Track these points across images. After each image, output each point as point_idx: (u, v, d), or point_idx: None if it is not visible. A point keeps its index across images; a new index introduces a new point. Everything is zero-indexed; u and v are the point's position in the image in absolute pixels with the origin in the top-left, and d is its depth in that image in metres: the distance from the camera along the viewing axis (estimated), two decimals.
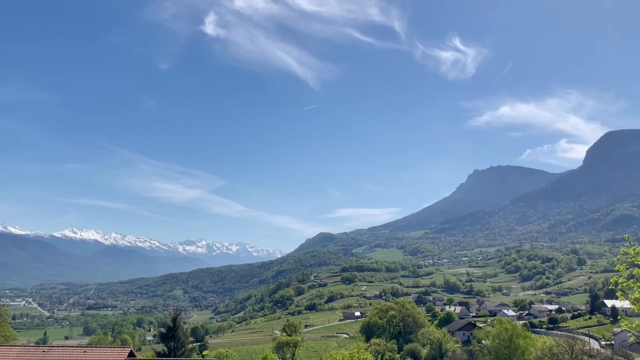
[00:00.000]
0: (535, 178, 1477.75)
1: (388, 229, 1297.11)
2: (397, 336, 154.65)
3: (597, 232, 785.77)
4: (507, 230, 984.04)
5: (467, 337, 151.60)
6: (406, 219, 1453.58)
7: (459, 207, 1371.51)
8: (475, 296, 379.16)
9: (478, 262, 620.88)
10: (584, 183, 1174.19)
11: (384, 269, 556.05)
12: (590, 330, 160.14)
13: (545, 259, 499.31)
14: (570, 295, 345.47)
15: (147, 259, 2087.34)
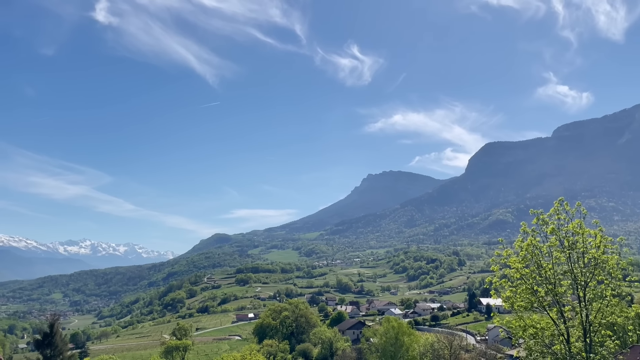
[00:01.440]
0: (423, 183, 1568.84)
1: (285, 230, 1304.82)
2: (290, 337, 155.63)
3: (475, 235, 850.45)
4: (396, 233, 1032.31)
5: (357, 335, 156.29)
6: (303, 220, 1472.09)
7: (353, 209, 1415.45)
8: (366, 296, 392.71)
9: (369, 262, 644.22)
10: (466, 189, 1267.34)
11: (280, 270, 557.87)
12: (467, 326, 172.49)
13: (430, 260, 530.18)
14: (451, 294, 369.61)
15: (21, 260, 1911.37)
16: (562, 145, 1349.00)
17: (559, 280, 28.67)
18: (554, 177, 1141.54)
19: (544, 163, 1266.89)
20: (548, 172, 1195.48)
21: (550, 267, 28.85)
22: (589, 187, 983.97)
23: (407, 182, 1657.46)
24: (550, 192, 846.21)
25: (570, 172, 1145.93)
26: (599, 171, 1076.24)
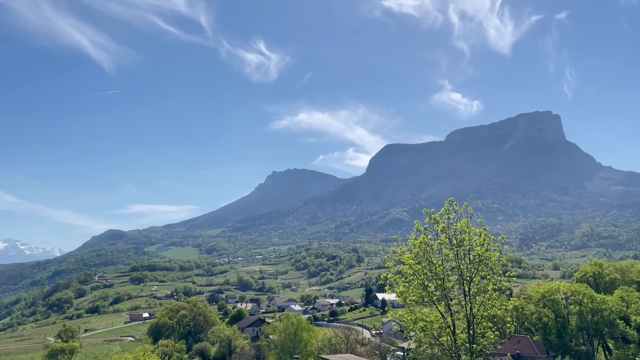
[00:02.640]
0: (326, 182, 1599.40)
1: (185, 226, 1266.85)
2: (187, 336, 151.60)
3: (374, 233, 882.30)
4: (299, 230, 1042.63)
5: (257, 333, 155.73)
6: (204, 217, 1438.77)
7: (256, 206, 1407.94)
8: (267, 293, 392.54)
9: (271, 260, 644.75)
10: (366, 189, 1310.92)
11: (178, 268, 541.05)
12: (364, 321, 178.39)
13: (331, 257, 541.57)
14: (350, 290, 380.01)
15: None
16: (455, 149, 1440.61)
17: (447, 275, 30.44)
18: (447, 179, 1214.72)
19: (438, 165, 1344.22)
20: (441, 174, 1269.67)
21: (440, 264, 30.50)
22: (477, 189, 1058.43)
23: (310, 180, 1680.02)
24: (442, 193, 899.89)
25: (461, 174, 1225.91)
26: (486, 174, 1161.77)
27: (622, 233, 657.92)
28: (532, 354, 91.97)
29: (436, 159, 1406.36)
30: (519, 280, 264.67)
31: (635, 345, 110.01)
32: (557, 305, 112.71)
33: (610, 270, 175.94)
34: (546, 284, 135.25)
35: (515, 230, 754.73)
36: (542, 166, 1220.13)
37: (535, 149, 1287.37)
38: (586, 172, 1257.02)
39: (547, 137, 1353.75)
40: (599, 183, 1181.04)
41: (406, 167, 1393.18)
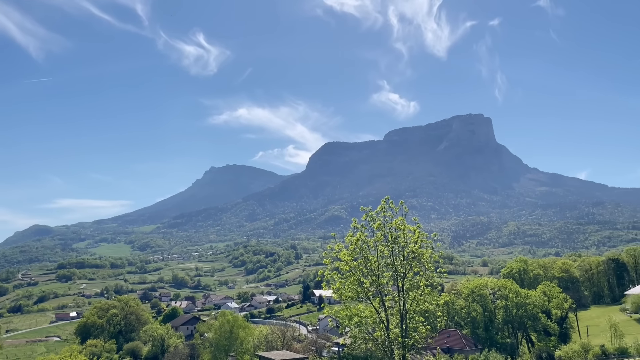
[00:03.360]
0: (265, 179, 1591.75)
1: (117, 222, 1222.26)
2: (118, 335, 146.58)
3: (312, 230, 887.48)
4: (237, 227, 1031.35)
5: (191, 331, 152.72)
6: (138, 212, 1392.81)
7: (193, 202, 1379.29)
8: (203, 290, 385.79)
9: (208, 257, 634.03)
10: (305, 186, 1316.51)
11: (109, 265, 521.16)
12: (301, 317, 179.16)
13: (269, 254, 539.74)
14: (287, 287, 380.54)
15: None
16: (392, 148, 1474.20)
17: (382, 272, 31.06)
18: (384, 177, 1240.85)
19: (376, 164, 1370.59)
20: (379, 173, 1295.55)
21: (375, 260, 31.07)
22: (413, 187, 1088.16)
23: (250, 176, 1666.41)
24: (380, 191, 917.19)
25: (397, 173, 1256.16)
26: (422, 174, 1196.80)
27: (546, 231, 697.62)
28: (461, 347, 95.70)
29: (374, 157, 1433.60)
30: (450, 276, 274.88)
31: (555, 338, 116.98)
32: (485, 300, 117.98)
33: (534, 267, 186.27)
34: (475, 279, 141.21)
35: (448, 228, 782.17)
36: (473, 167, 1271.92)
37: (467, 150, 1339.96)
38: (514, 173, 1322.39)
39: (479, 138, 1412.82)
40: (525, 184, 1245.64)
41: (345, 165, 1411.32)
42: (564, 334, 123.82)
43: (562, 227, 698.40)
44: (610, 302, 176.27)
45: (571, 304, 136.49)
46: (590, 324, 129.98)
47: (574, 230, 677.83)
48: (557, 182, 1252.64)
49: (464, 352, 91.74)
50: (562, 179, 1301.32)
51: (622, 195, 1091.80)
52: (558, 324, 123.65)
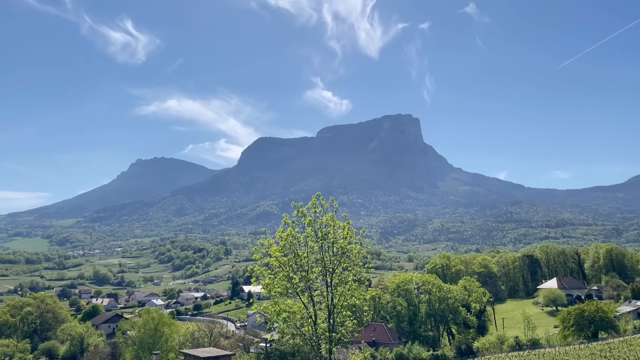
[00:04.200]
0: (195, 173, 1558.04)
1: (33, 215, 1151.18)
2: (33, 335, 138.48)
3: (243, 225, 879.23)
4: (164, 222, 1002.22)
5: (113, 329, 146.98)
6: (57, 205, 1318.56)
7: (118, 196, 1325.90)
8: (126, 287, 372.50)
9: (132, 252, 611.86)
10: (237, 181, 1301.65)
11: (24, 261, 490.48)
12: (229, 314, 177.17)
13: (197, 250, 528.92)
14: (216, 283, 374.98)
15: None
16: (324, 145, 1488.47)
17: (312, 267, 31.35)
18: (316, 174, 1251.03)
19: (308, 160, 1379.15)
20: (311, 169, 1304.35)
21: (305, 256, 31.29)
22: (344, 184, 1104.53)
23: (179, 170, 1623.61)
24: (312, 187, 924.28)
25: (329, 170, 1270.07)
26: (352, 171, 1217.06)
27: (467, 229, 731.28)
28: (386, 341, 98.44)
29: (307, 154, 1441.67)
30: (378, 271, 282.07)
31: (474, 330, 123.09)
32: (410, 295, 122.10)
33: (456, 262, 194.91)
34: (401, 275, 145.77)
35: (377, 225, 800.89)
36: (402, 165, 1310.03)
37: (397, 149, 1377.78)
38: (440, 172, 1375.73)
39: (407, 138, 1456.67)
40: (450, 183, 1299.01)
41: (278, 160, 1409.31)
42: (482, 326, 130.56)
43: (483, 225, 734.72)
44: (524, 296, 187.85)
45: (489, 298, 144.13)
46: (506, 317, 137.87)
47: (494, 227, 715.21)
48: (479, 182, 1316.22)
49: (388, 345, 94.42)
50: (483, 179, 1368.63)
51: (537, 195, 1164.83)
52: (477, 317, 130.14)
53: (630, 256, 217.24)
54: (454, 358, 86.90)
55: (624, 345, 67.35)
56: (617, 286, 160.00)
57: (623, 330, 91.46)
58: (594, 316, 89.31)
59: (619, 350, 62.16)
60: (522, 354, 77.69)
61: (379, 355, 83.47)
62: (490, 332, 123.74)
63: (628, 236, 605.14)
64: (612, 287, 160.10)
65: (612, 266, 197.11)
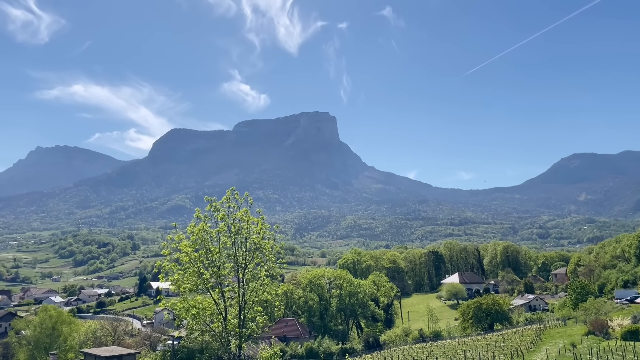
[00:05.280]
0: (101, 163, 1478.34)
1: None
2: None
3: (153, 220, 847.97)
4: (66, 214, 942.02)
5: (5, 328, 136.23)
6: None
7: (13, 185, 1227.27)
8: (22, 283, 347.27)
9: (29, 246, 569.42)
10: (147, 173, 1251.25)
11: None
12: (135, 311, 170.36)
13: (102, 244, 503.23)
14: (122, 279, 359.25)
15: None
16: (241, 139, 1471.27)
17: (224, 263, 30.86)
18: (232, 168, 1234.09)
19: (224, 154, 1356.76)
20: (227, 163, 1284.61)
21: (217, 251, 30.73)
22: (260, 179, 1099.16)
23: (83, 159, 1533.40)
24: (227, 182, 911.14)
25: (245, 164, 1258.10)
26: (269, 166, 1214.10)
27: (378, 225, 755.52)
28: (297, 335, 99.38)
29: (223, 147, 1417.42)
30: (291, 266, 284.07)
31: (381, 323, 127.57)
32: (322, 290, 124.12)
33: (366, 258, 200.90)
34: (314, 270, 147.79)
35: (291, 220, 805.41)
36: (318, 162, 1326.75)
37: (313, 146, 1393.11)
38: (354, 170, 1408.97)
39: (324, 136, 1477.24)
40: (363, 181, 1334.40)
41: (192, 153, 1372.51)
42: (389, 319, 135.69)
43: (393, 222, 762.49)
44: (429, 290, 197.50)
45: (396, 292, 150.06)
46: (412, 310, 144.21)
47: (402, 224, 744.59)
48: (391, 181, 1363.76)
49: (299, 339, 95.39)
50: (394, 178, 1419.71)
51: (443, 194, 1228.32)
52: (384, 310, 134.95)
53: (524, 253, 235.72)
54: (362, 351, 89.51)
55: (516, 335, 72.83)
56: (511, 281, 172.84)
57: (516, 322, 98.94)
58: (491, 309, 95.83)
59: (512, 340, 67.10)
60: (425, 345, 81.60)
61: (289, 350, 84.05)
62: (396, 325, 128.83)
63: (523, 234, 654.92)
64: (507, 281, 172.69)
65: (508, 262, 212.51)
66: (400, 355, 67.28)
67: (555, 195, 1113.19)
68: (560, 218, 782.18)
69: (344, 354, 76.57)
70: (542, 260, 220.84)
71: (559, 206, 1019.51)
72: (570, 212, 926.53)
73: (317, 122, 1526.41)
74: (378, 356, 69.80)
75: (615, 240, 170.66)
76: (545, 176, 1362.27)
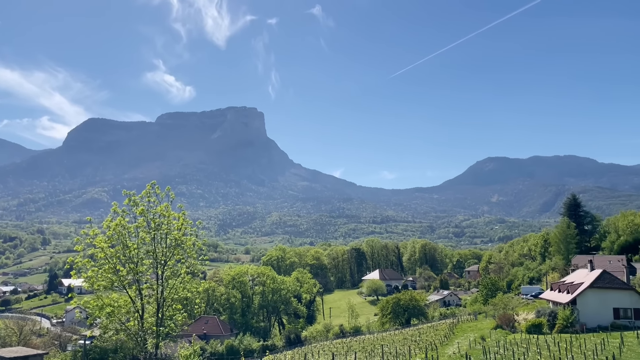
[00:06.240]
0: (9, 152, 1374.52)
1: None
2: None
3: (66, 213, 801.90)
4: None
5: None
6: None
7: None
8: None
9: None
10: (61, 164, 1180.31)
11: None
12: (44, 309, 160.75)
13: (8, 238, 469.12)
14: (30, 276, 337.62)
15: None
16: (164, 132, 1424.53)
17: (142, 259, 29.87)
18: (154, 162, 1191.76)
19: (146, 147, 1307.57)
20: (148, 156, 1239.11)
21: (135, 247, 29.70)
22: (183, 174, 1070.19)
23: None
24: (148, 175, 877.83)
25: (168, 158, 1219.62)
26: (193, 161, 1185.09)
27: (303, 222, 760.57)
28: (218, 333, 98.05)
29: (144, 139, 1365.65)
30: (214, 263, 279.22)
31: (303, 320, 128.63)
32: (245, 287, 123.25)
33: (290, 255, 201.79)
34: (237, 267, 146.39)
35: (215, 216, 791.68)
36: (244, 158, 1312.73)
37: (240, 142, 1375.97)
38: (280, 167, 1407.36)
39: (251, 131, 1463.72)
40: (290, 178, 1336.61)
41: (111, 144, 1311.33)
42: (312, 315, 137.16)
43: (318, 219, 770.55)
44: (351, 286, 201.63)
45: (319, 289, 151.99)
46: (334, 306, 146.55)
47: (327, 222, 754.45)
48: (317, 178, 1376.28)
49: (220, 337, 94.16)
50: (321, 176, 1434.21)
51: (367, 193, 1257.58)
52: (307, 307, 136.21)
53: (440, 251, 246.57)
54: (283, 347, 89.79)
55: (432, 330, 76.06)
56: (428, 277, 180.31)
57: (431, 317, 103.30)
58: (408, 305, 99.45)
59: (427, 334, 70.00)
60: (345, 340, 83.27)
61: (209, 348, 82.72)
62: (318, 321, 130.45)
63: (440, 233, 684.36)
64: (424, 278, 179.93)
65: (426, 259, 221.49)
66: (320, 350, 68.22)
67: (470, 196, 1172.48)
68: (475, 218, 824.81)
69: (265, 351, 76.52)
70: (457, 258, 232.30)
71: (473, 206, 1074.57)
72: (484, 212, 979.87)
73: (244, 117, 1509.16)
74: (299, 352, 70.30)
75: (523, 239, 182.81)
76: (462, 178, 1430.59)
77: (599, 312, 61.02)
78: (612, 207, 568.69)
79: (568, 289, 66.57)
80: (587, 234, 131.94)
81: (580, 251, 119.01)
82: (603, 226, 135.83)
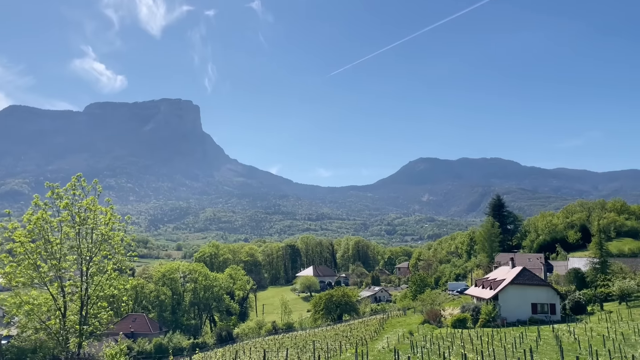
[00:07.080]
0: None
1: None
2: None
3: None
4: None
5: None
6: None
7: None
8: None
9: None
10: None
11: None
12: None
13: None
14: None
15: None
16: (92, 122, 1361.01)
17: (65, 255, 28.52)
18: (80, 153, 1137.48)
19: (72, 137, 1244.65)
20: (75, 147, 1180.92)
21: (58, 242, 28.33)
22: (113, 167, 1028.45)
23: None
24: (74, 167, 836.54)
25: (97, 149, 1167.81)
26: (123, 153, 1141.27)
27: (238, 219, 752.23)
28: (146, 331, 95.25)
29: (71, 129, 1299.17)
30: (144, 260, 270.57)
31: (236, 317, 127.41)
32: (175, 284, 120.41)
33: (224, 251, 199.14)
34: (167, 263, 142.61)
35: (146, 211, 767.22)
36: (178, 152, 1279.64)
37: (174, 135, 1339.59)
38: (216, 162, 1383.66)
39: (186, 125, 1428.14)
40: (225, 173, 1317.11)
41: (33, 133, 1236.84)
42: (244, 312, 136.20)
43: (253, 216, 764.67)
44: (285, 283, 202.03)
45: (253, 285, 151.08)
46: (267, 303, 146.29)
47: (263, 218, 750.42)
48: (253, 174, 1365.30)
49: (148, 335, 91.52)
50: (257, 172, 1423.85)
51: (303, 190, 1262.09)
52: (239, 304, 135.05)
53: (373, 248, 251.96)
54: (214, 345, 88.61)
55: (362, 325, 77.65)
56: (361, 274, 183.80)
57: (363, 313, 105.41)
58: (341, 301, 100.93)
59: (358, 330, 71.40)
60: (277, 337, 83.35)
61: (136, 346, 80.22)
62: (251, 318, 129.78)
63: (373, 230, 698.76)
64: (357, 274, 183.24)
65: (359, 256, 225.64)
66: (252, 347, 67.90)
67: (402, 195, 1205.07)
68: (406, 216, 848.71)
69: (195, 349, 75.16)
70: (389, 255, 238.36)
71: (405, 205, 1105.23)
72: (415, 211, 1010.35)
73: (178, 109, 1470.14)
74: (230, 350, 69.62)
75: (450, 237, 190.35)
76: (395, 177, 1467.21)
77: (519, 307, 64.73)
78: (533, 208, 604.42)
79: (491, 285, 70.06)
80: (510, 233, 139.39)
81: (503, 249, 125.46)
82: (524, 226, 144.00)
